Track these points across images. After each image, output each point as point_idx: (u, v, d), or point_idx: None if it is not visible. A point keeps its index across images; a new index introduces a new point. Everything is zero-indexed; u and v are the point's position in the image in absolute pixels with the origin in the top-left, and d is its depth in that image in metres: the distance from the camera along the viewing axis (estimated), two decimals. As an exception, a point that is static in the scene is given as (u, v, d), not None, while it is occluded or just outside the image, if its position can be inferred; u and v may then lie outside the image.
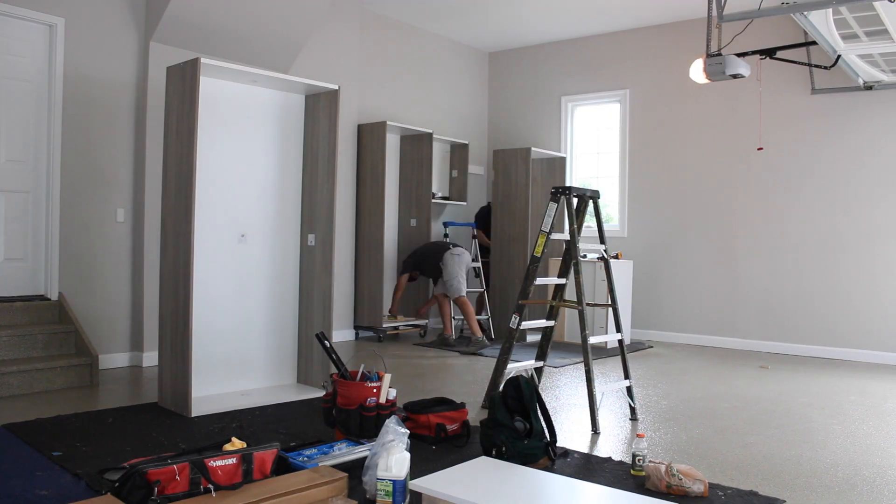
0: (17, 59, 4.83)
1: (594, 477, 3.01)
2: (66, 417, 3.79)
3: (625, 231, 7.62)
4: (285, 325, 4.68)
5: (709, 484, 2.88)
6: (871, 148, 6.34)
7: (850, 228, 6.42)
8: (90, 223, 5.15)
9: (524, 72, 8.52)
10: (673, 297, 7.31)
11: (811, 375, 5.57)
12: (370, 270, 6.90)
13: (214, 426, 3.71)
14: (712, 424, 4.02)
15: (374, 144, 6.92)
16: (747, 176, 6.92)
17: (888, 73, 5.92)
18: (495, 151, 7.46)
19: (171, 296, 4.07)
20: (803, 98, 6.64)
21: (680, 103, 7.31)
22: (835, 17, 4.72)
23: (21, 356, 4.56)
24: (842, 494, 2.92)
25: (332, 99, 4.55)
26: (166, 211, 4.15)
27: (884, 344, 6.22)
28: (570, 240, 4.17)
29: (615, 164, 7.81)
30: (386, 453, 2.58)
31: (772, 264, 6.78)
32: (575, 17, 7.34)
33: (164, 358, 4.14)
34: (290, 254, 4.70)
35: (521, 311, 4.16)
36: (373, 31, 7.32)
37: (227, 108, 4.36)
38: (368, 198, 6.94)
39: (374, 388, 3.31)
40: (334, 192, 4.53)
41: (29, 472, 2.92)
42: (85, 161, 5.12)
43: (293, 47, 6.05)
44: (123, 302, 5.32)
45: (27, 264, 4.92)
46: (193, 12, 5.27)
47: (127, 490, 2.36)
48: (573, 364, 5.81)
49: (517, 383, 3.30)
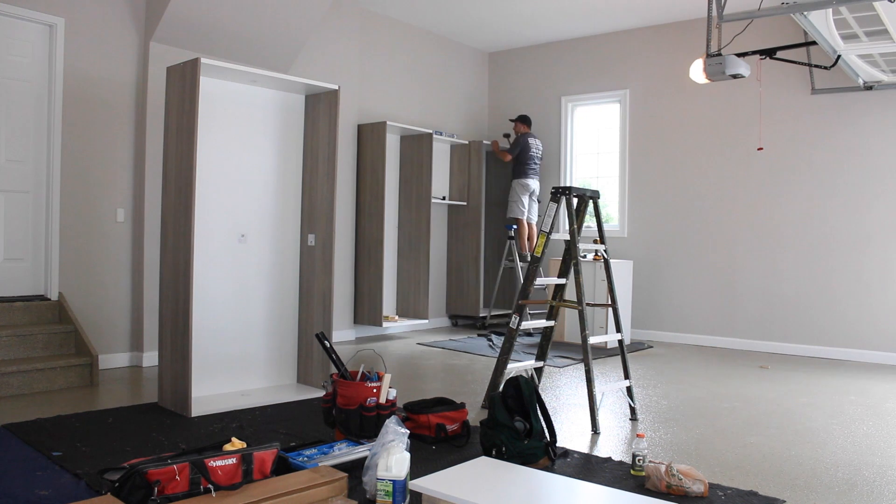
0: (17, 59, 4.83)
1: (594, 477, 3.01)
2: (66, 417, 3.79)
3: (625, 231, 7.62)
4: (285, 325, 4.68)
5: (709, 484, 2.88)
6: (871, 148, 6.34)
7: (850, 228, 6.42)
8: (90, 223, 5.15)
9: (524, 72, 8.52)
10: (673, 297, 7.31)
11: (811, 375, 5.56)
12: (370, 270, 6.90)
13: (214, 426, 3.71)
14: (712, 424, 4.02)
15: (374, 144, 6.92)
16: (747, 176, 6.92)
17: (888, 73, 5.92)
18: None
19: (171, 296, 4.08)
20: (803, 98, 6.63)
21: (680, 103, 7.31)
22: (835, 17, 4.72)
23: (21, 356, 4.56)
24: (842, 494, 2.92)
25: (332, 99, 4.55)
26: (166, 211, 4.15)
27: (884, 344, 6.22)
28: (570, 240, 4.17)
29: (615, 164, 7.81)
30: (386, 453, 2.58)
31: (772, 264, 6.78)
32: (575, 17, 7.34)
33: (164, 358, 4.14)
34: (290, 254, 4.71)
35: (521, 312, 4.17)
36: (373, 31, 7.32)
37: (227, 108, 4.37)
38: (368, 198, 6.94)
39: (374, 388, 3.31)
40: (334, 192, 4.53)
41: (29, 472, 2.92)
42: (85, 161, 5.12)
43: (293, 47, 6.05)
44: (123, 302, 5.32)
45: (27, 264, 4.92)
46: (193, 12, 5.27)
47: (127, 490, 2.36)
48: (573, 364, 5.81)
49: (517, 383, 3.31)
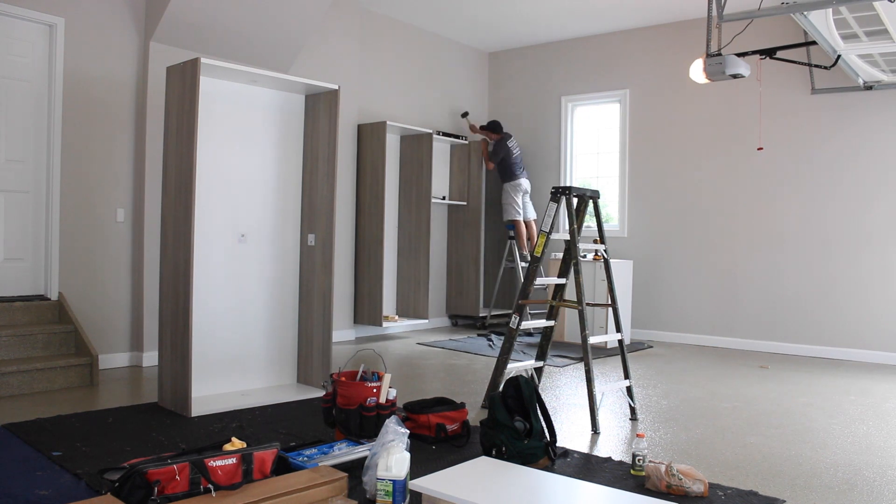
0: (17, 59, 4.83)
1: (594, 477, 3.01)
2: (66, 417, 3.79)
3: (625, 231, 7.62)
4: (285, 325, 4.68)
5: (709, 484, 2.88)
6: (870, 148, 6.34)
7: (850, 228, 6.42)
8: (90, 223, 5.15)
9: (524, 72, 8.52)
10: (673, 297, 7.31)
11: (811, 375, 5.56)
12: (370, 270, 6.90)
13: (214, 426, 3.71)
14: (712, 424, 4.02)
15: (374, 144, 6.92)
16: (747, 176, 6.92)
17: (888, 73, 5.92)
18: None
19: (171, 296, 4.08)
20: (803, 98, 6.63)
21: (680, 103, 7.31)
22: (835, 17, 4.72)
23: (21, 356, 4.56)
24: (842, 494, 2.92)
25: (332, 99, 4.55)
26: (166, 211, 4.15)
27: (884, 344, 6.22)
28: (570, 240, 4.17)
29: (615, 164, 7.81)
30: (386, 453, 2.58)
31: (772, 264, 6.78)
32: (575, 16, 7.34)
33: (164, 358, 4.14)
34: (290, 254, 4.71)
35: (521, 312, 4.17)
36: (373, 31, 7.32)
37: (227, 108, 4.36)
38: (368, 198, 6.94)
39: (374, 388, 3.31)
40: (334, 192, 4.53)
41: (29, 472, 2.92)
42: (85, 161, 5.12)
43: (293, 47, 6.05)
44: (123, 302, 5.32)
45: (27, 264, 4.92)
46: (193, 12, 5.27)
47: (127, 490, 2.36)
48: (573, 364, 5.81)
49: (517, 383, 3.31)
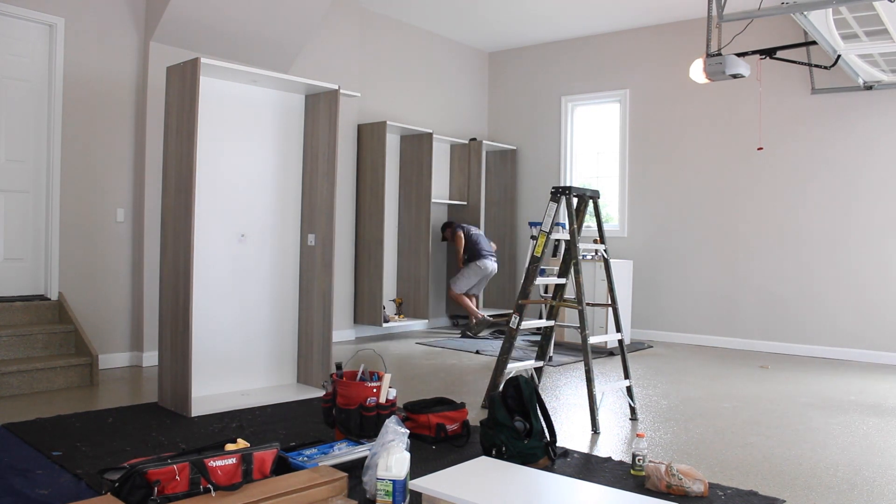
0: (17, 59, 4.83)
1: (594, 477, 3.01)
2: (66, 417, 3.79)
3: (625, 231, 7.62)
4: (285, 325, 4.68)
5: (709, 484, 2.88)
6: (871, 147, 6.34)
7: (850, 228, 6.42)
8: (90, 223, 5.15)
9: (524, 72, 8.52)
10: (673, 297, 7.31)
11: (811, 375, 5.56)
12: (370, 270, 6.90)
13: (214, 426, 3.71)
14: (712, 424, 4.02)
15: (374, 144, 6.92)
16: (747, 176, 6.92)
17: (888, 73, 5.92)
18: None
19: (171, 296, 4.08)
20: (803, 98, 6.63)
21: (680, 103, 7.31)
22: (835, 17, 4.72)
23: (21, 356, 4.56)
24: (842, 494, 2.92)
25: (332, 99, 4.55)
26: (166, 211, 4.15)
27: (884, 344, 6.22)
28: (570, 240, 4.17)
29: (615, 164, 7.81)
30: (386, 453, 2.58)
31: (772, 264, 6.78)
32: (575, 16, 7.34)
33: (164, 358, 4.14)
34: (290, 254, 4.70)
35: (521, 312, 4.17)
36: (373, 31, 7.32)
37: (226, 108, 4.36)
38: (368, 198, 6.94)
39: (374, 388, 3.31)
40: (334, 192, 4.53)
41: (29, 472, 2.92)
42: (85, 161, 5.12)
43: (293, 47, 6.05)
44: (123, 302, 5.32)
45: (27, 264, 4.92)
46: (193, 12, 5.27)
47: (127, 490, 2.36)
48: (573, 364, 5.81)
49: (517, 383, 3.31)
